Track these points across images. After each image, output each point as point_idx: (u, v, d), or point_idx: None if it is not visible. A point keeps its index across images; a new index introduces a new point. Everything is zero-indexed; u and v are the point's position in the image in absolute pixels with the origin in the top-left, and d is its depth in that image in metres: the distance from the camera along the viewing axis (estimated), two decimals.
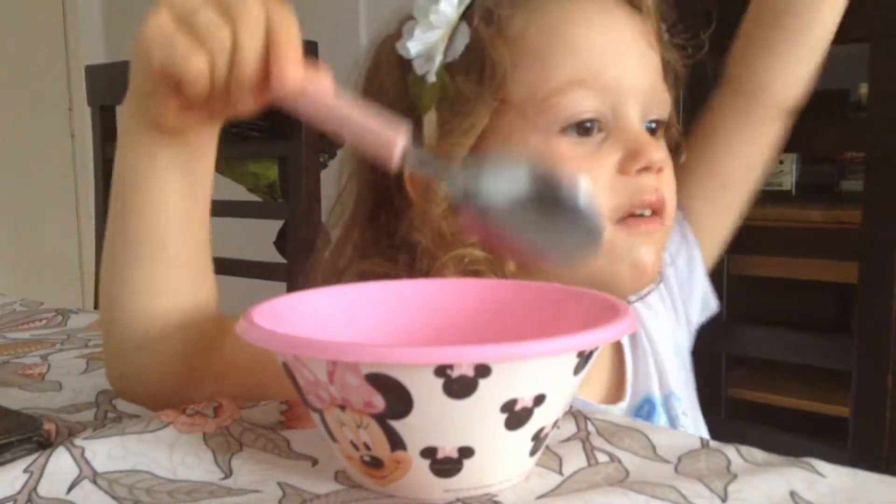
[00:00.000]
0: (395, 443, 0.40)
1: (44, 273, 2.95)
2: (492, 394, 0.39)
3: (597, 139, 0.63)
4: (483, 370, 0.38)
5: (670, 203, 0.66)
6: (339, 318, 0.51)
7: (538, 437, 0.43)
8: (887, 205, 0.78)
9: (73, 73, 2.96)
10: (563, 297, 0.51)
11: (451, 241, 0.63)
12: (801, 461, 0.45)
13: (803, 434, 0.94)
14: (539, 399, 0.40)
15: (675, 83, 0.70)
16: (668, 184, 0.66)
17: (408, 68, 0.66)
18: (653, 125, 0.66)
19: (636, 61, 0.65)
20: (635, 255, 0.64)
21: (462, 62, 0.65)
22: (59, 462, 0.45)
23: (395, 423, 0.40)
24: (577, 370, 0.42)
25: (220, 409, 0.52)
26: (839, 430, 0.83)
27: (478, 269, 0.63)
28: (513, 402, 0.40)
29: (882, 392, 0.78)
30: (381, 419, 0.40)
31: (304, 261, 0.76)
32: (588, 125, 0.63)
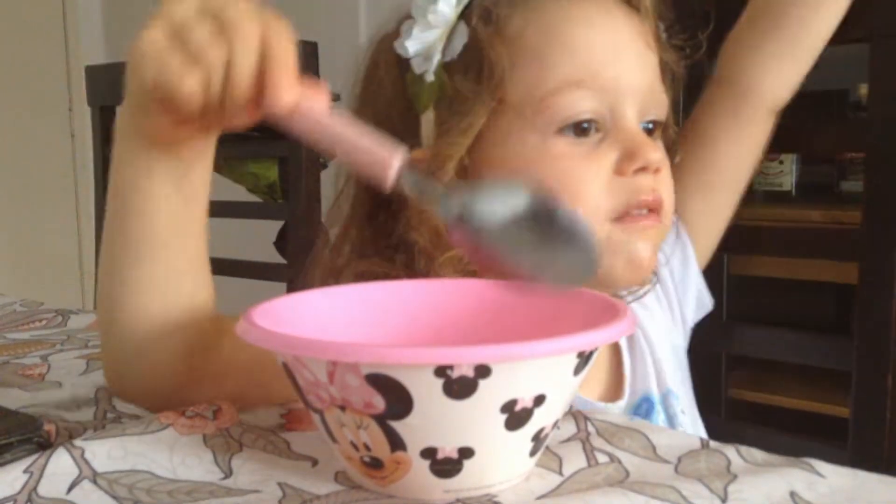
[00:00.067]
0: (395, 443, 0.40)
1: (44, 273, 2.95)
2: (492, 394, 0.39)
3: (594, 139, 0.63)
4: (483, 370, 0.38)
5: (668, 203, 0.66)
6: (339, 319, 0.51)
7: (538, 438, 0.43)
8: (887, 205, 0.78)
9: (73, 74, 2.95)
10: (563, 297, 0.51)
11: (448, 241, 0.63)
12: (801, 461, 0.45)
13: (803, 434, 0.94)
14: (539, 399, 0.40)
15: (673, 84, 0.70)
16: (666, 184, 0.66)
17: (406, 67, 0.66)
18: (650, 126, 0.66)
19: (634, 62, 0.65)
20: (631, 250, 0.64)
21: (460, 62, 0.65)
22: (59, 462, 0.45)
23: (395, 424, 0.40)
24: (577, 370, 0.42)
25: (219, 413, 0.52)
26: (839, 431, 0.83)
27: (475, 270, 0.63)
28: (513, 403, 0.40)
29: (882, 392, 0.78)
30: (381, 420, 0.40)
31: (305, 261, 0.76)
32: (585, 125, 0.63)
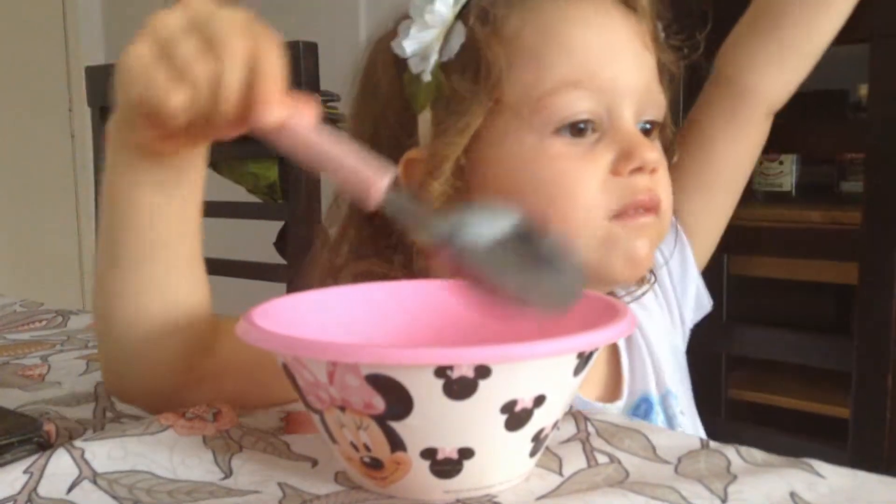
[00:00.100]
0: (395, 444, 0.40)
1: (44, 273, 2.95)
2: (492, 395, 0.39)
3: (591, 140, 0.63)
4: (483, 371, 0.38)
5: (666, 203, 0.65)
6: (339, 319, 0.51)
7: (538, 438, 0.43)
8: (887, 205, 0.78)
9: (73, 74, 2.95)
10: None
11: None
12: (801, 462, 0.45)
13: (803, 435, 0.94)
14: (539, 400, 0.40)
15: (671, 84, 0.70)
16: (663, 184, 0.66)
17: (403, 67, 0.66)
18: (647, 126, 0.66)
19: (631, 62, 0.65)
20: (629, 246, 0.64)
21: (457, 61, 0.65)
22: (59, 463, 0.45)
23: (395, 425, 0.40)
24: (577, 371, 0.42)
25: (219, 415, 0.52)
26: (839, 431, 0.83)
27: None
28: (513, 403, 0.40)
29: (882, 392, 0.78)
30: (381, 420, 0.40)
31: (304, 262, 0.76)
32: (582, 126, 0.63)
